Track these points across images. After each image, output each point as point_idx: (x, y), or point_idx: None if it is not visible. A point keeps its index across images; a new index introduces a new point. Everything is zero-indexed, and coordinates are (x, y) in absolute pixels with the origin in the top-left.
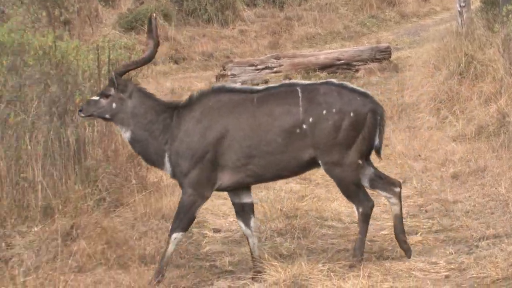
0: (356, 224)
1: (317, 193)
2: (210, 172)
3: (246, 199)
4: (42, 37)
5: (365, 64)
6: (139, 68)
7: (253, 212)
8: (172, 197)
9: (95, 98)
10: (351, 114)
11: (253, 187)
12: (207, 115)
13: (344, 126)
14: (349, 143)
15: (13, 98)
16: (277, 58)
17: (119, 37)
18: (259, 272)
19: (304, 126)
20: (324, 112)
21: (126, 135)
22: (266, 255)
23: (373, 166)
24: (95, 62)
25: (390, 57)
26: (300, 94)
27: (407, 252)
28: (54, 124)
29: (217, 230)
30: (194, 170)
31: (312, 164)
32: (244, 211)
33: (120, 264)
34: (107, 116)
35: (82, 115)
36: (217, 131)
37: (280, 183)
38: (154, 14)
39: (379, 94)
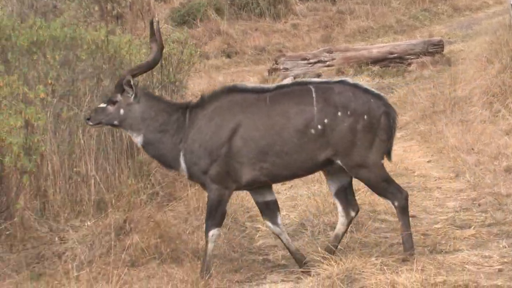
0: (410, 218)
1: None
2: (229, 167)
3: (269, 197)
4: (95, 32)
5: (418, 58)
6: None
7: (278, 209)
8: None
9: (103, 105)
10: (365, 116)
11: (306, 180)
12: (219, 113)
13: (359, 128)
14: (368, 144)
15: (66, 92)
16: (330, 52)
17: (172, 31)
18: (305, 264)
19: (319, 127)
20: (339, 113)
21: (138, 139)
22: (319, 249)
23: (351, 179)
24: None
25: (442, 50)
26: (314, 94)
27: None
28: None
29: None
30: (213, 166)
31: (327, 163)
32: (269, 209)
33: (173, 258)
34: (115, 122)
35: (90, 123)
36: (230, 129)
37: None
38: (156, 18)
39: (431, 87)
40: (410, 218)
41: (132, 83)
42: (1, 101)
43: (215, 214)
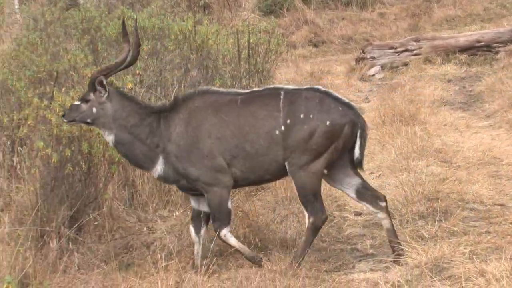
0: (498, 207)
1: (458, 176)
2: (216, 164)
3: (205, 208)
4: (182, 22)
5: (505, 46)
6: (277, 53)
7: (207, 222)
8: None
9: (77, 103)
10: (327, 122)
11: (394, 169)
12: (194, 115)
13: (318, 134)
14: (320, 151)
15: (153, 82)
16: (417, 40)
17: (258, 21)
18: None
19: (283, 128)
20: (302, 116)
21: (110, 138)
22: (407, 238)
23: (360, 177)
24: (235, 47)
25: None
26: (282, 97)
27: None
28: None
29: (358, 213)
30: (203, 168)
31: None
32: (198, 219)
33: (261, 248)
34: (88, 120)
35: (65, 120)
36: (206, 130)
37: (421, 165)
38: (135, 18)
39: None
40: (499, 207)
41: (104, 83)
42: None
43: (220, 216)
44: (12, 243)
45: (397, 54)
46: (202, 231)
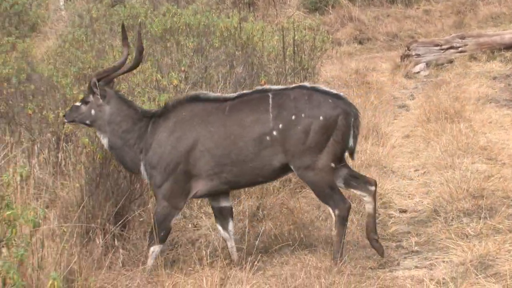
0: None
1: (503, 173)
2: (184, 183)
3: (224, 204)
4: (227, 19)
5: None
6: (323, 50)
7: (231, 215)
8: None
9: (78, 104)
10: (320, 117)
11: (439, 166)
12: (179, 125)
13: (313, 130)
14: (320, 147)
15: (199, 79)
16: (462, 37)
17: (303, 18)
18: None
19: (275, 133)
20: (293, 117)
21: (104, 141)
22: (452, 235)
23: (347, 167)
24: (280, 44)
25: None
26: (270, 101)
27: (379, 250)
28: None
29: (403, 211)
30: (167, 182)
31: (287, 169)
32: (222, 215)
33: (306, 245)
34: (87, 122)
35: (65, 120)
36: (188, 142)
37: (466, 163)
38: (140, 23)
39: None
40: None
41: (97, 85)
42: (135, 88)
43: (159, 231)
44: (58, 239)
45: (442, 51)
46: (230, 225)
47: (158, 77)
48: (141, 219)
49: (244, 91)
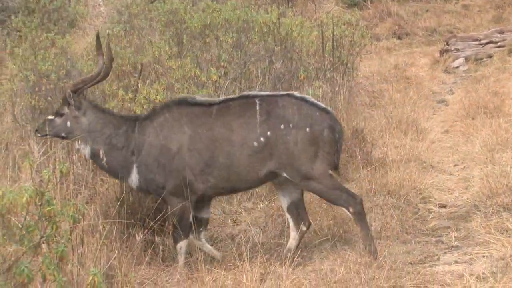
0: None
1: None
2: (183, 179)
3: (205, 215)
4: (266, 14)
5: None
6: (361, 45)
7: (206, 226)
8: (397, 172)
9: (51, 117)
10: (307, 129)
11: (479, 161)
12: (167, 127)
13: (301, 141)
14: (312, 156)
15: (238, 75)
16: (501, 32)
17: (342, 13)
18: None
19: (262, 139)
20: (282, 126)
21: (86, 151)
22: (492, 230)
23: (302, 194)
24: (319, 39)
25: None
26: (258, 107)
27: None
28: None
29: (442, 206)
30: (170, 180)
31: (272, 176)
32: (198, 225)
33: (345, 240)
34: (62, 134)
35: (38, 134)
36: (177, 143)
37: (505, 157)
38: (107, 33)
39: None
40: None
41: (72, 96)
42: (174, 84)
43: (180, 227)
44: (97, 235)
45: (481, 46)
46: (202, 234)
47: (197, 72)
48: None
49: (230, 96)
